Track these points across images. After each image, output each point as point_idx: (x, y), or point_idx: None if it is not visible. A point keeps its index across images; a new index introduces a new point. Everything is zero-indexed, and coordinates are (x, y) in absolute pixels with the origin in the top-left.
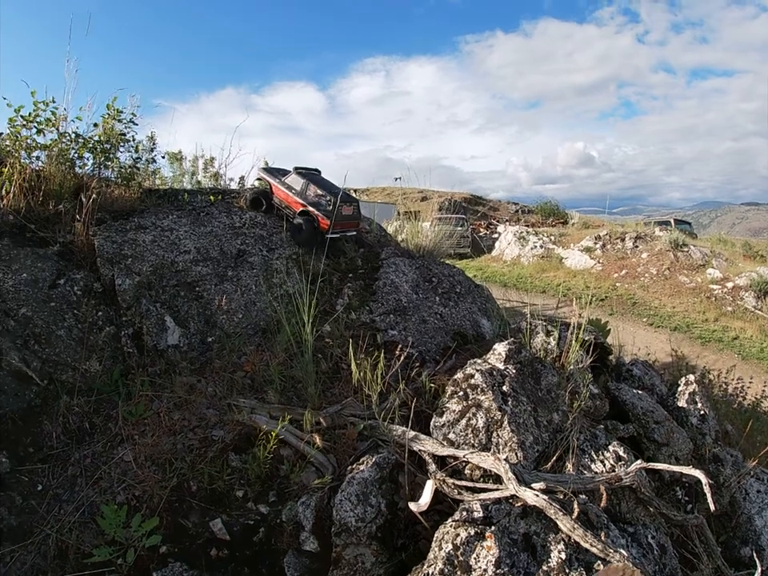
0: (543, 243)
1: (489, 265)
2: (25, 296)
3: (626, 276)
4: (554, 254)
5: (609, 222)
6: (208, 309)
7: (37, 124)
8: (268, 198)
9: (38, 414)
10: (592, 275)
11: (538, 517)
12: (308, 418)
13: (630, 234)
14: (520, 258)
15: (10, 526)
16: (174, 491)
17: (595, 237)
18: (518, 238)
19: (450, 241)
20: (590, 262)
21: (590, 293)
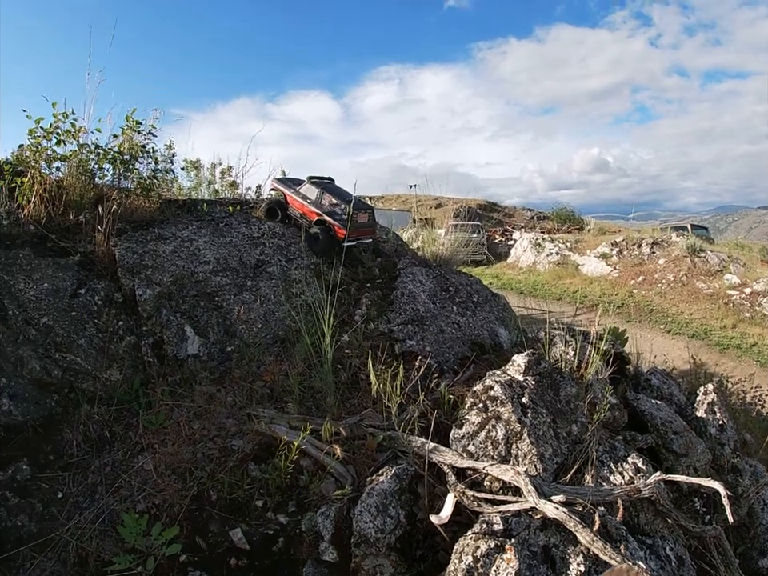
0: (559, 250)
1: (504, 272)
2: (46, 305)
3: (642, 282)
4: (570, 261)
5: (625, 228)
6: (227, 319)
7: (57, 135)
8: (283, 208)
9: (58, 422)
10: (608, 282)
11: (558, 529)
12: (327, 429)
13: (647, 240)
14: (536, 264)
15: (30, 532)
16: (193, 500)
17: (611, 243)
18: (534, 244)
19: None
20: (607, 268)
21: (607, 300)
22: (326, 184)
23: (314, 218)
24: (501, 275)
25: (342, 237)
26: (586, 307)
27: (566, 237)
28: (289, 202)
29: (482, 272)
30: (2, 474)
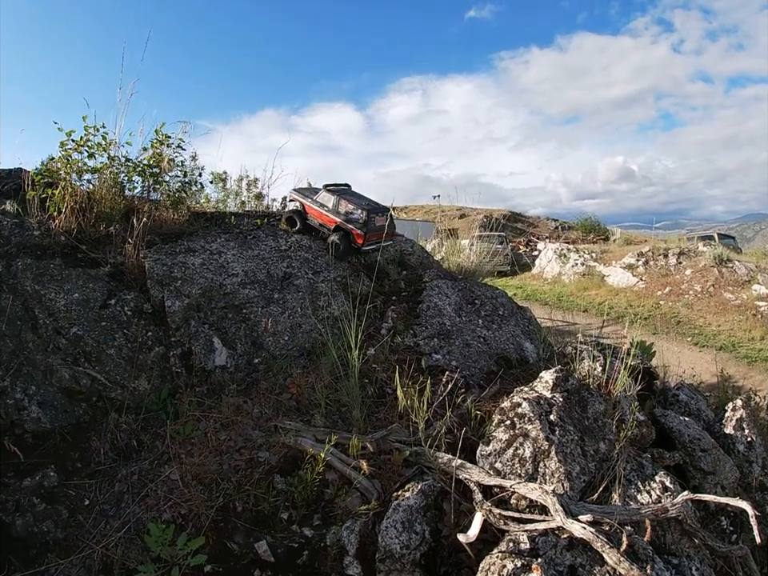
0: (584, 260)
1: (529, 283)
2: (76, 315)
3: (669, 294)
4: (595, 272)
5: (651, 238)
6: (255, 331)
7: (88, 148)
8: (302, 217)
9: (86, 430)
10: (635, 293)
11: (584, 549)
12: (354, 444)
13: (673, 250)
14: (561, 275)
15: (55, 539)
16: (219, 511)
17: (638, 253)
18: (559, 255)
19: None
20: (633, 279)
21: (633, 312)
22: (342, 191)
23: (332, 225)
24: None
25: (361, 242)
26: (612, 319)
27: (591, 247)
28: (307, 212)
29: (506, 283)
30: (30, 481)
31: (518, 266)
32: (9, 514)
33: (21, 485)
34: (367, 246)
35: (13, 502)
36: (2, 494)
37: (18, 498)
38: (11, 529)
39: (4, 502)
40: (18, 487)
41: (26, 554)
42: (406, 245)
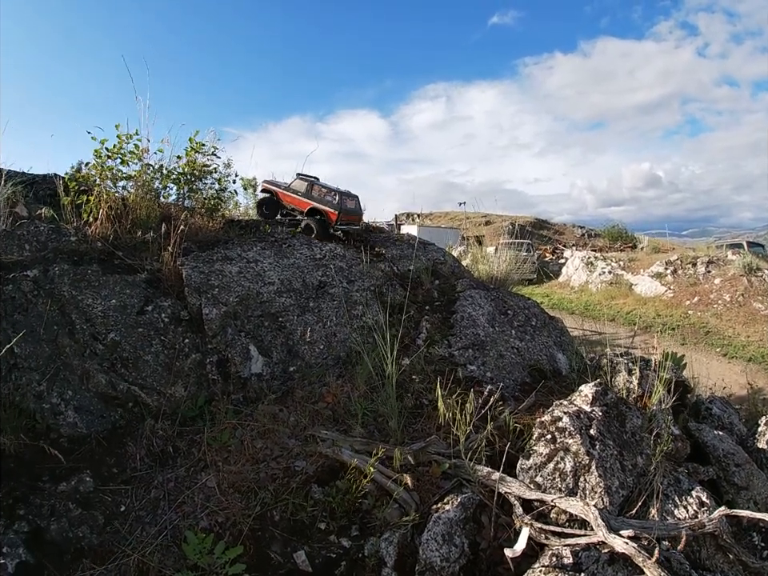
0: (612, 269)
1: (555, 291)
2: (113, 321)
3: (698, 303)
4: (622, 280)
5: (679, 246)
6: (290, 339)
7: (121, 156)
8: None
9: (121, 436)
10: (663, 302)
11: (625, 564)
12: (397, 457)
13: (702, 259)
14: (588, 284)
15: (91, 544)
16: (256, 520)
17: (666, 262)
18: (586, 263)
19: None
20: (661, 288)
21: (662, 321)
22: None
23: (305, 207)
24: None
25: (335, 219)
26: (640, 329)
27: (618, 255)
28: (281, 198)
29: (533, 291)
30: (65, 485)
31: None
32: (44, 518)
33: (56, 489)
34: (340, 225)
35: (48, 507)
36: (36, 498)
37: (53, 503)
38: (46, 533)
39: (39, 507)
40: (54, 492)
41: (61, 559)
42: (438, 254)
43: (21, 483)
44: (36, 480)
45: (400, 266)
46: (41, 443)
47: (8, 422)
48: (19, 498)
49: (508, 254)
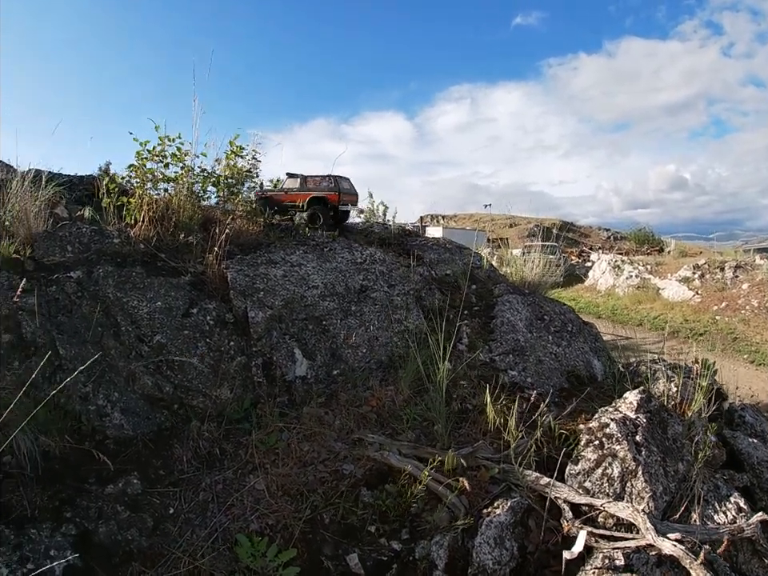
0: (639, 273)
1: (582, 295)
2: (159, 323)
3: (726, 309)
4: (650, 285)
5: (706, 250)
6: (334, 342)
7: (163, 158)
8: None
9: (167, 438)
10: (690, 307)
11: (671, 566)
12: (450, 461)
13: (730, 263)
14: (615, 288)
15: (140, 547)
16: (307, 523)
17: (693, 266)
18: (613, 266)
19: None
20: (688, 293)
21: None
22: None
23: (305, 199)
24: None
25: (337, 200)
26: (668, 334)
27: (645, 259)
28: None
29: (559, 295)
30: (112, 487)
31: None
32: (92, 521)
33: (103, 491)
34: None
35: (95, 509)
36: (83, 500)
37: (100, 505)
38: (94, 536)
39: (86, 509)
40: (101, 494)
41: (109, 562)
42: (474, 258)
43: (67, 485)
44: (82, 482)
45: (438, 270)
46: (86, 445)
47: (53, 424)
48: (66, 500)
49: (540, 258)
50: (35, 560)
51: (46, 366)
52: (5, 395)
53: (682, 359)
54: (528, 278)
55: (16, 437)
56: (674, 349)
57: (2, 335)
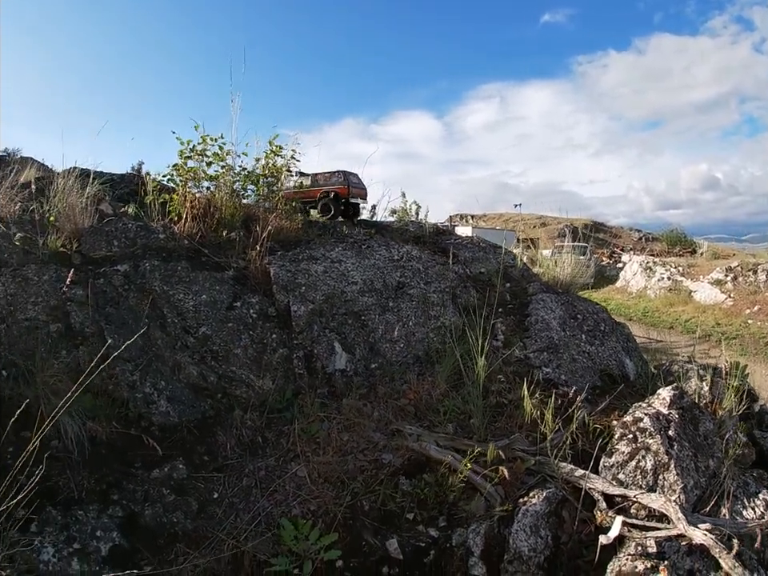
0: (671, 275)
1: (613, 296)
2: (204, 316)
3: (758, 312)
4: (681, 287)
5: (739, 252)
6: (372, 337)
7: (206, 157)
8: None
9: (211, 425)
10: (722, 311)
11: (701, 555)
12: (491, 453)
13: (763, 266)
14: (646, 289)
15: (185, 529)
16: (347, 509)
17: (726, 268)
18: (644, 268)
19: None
20: (721, 296)
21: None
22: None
23: (317, 195)
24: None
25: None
26: (699, 338)
27: (677, 261)
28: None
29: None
30: (158, 472)
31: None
32: (138, 503)
33: (149, 476)
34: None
35: (141, 492)
36: (130, 483)
37: (146, 489)
38: (140, 518)
39: (132, 492)
40: (147, 478)
41: (154, 543)
42: (508, 257)
43: (113, 469)
44: (128, 466)
45: (472, 268)
46: (132, 431)
47: (101, 410)
48: (112, 483)
49: (572, 258)
50: (81, 540)
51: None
52: (53, 382)
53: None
54: (560, 278)
55: (63, 422)
56: (705, 353)
57: (50, 325)
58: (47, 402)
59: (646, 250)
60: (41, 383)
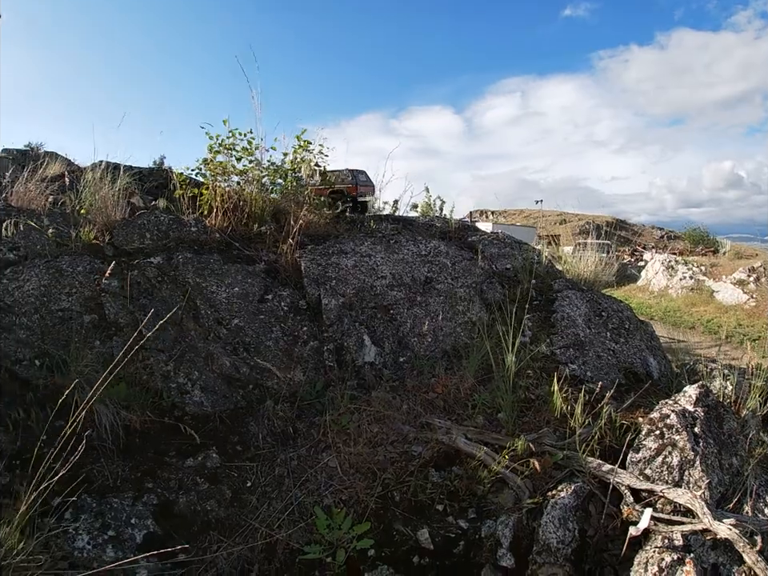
0: (693, 274)
1: (634, 295)
2: (237, 308)
3: None
4: (704, 287)
5: (762, 252)
6: (400, 331)
7: (234, 151)
8: None
9: (243, 416)
10: (745, 312)
11: (725, 549)
12: (521, 446)
13: None
14: (668, 289)
15: (218, 517)
16: (378, 499)
17: (749, 269)
18: (666, 267)
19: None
20: (743, 296)
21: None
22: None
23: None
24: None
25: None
26: (720, 339)
27: (700, 260)
28: None
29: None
30: (192, 461)
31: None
32: (172, 491)
33: (183, 464)
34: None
35: (175, 481)
36: (164, 472)
37: (180, 477)
38: (174, 506)
39: (167, 480)
40: (181, 467)
41: (188, 531)
42: (533, 253)
43: (147, 458)
44: (162, 455)
45: (498, 264)
46: (166, 420)
47: (134, 399)
48: (147, 471)
49: (596, 255)
50: (116, 527)
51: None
52: (88, 372)
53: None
54: (584, 275)
55: (98, 411)
56: (727, 354)
57: (84, 316)
58: (81, 392)
59: (668, 248)
60: (75, 373)
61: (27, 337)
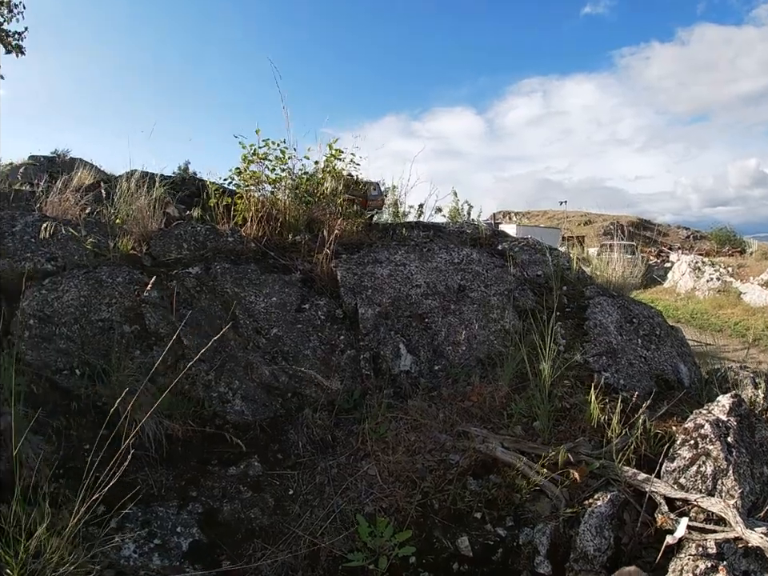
0: (720, 275)
1: (661, 297)
2: (275, 317)
3: None
4: (731, 288)
5: None
6: (435, 339)
7: (269, 161)
8: None
9: (282, 424)
10: None
11: (756, 557)
12: (562, 456)
13: None
14: (695, 290)
15: (261, 525)
16: (418, 507)
17: None
18: (693, 268)
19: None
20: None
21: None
22: None
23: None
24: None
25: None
26: (748, 342)
27: (727, 261)
28: None
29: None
30: (235, 469)
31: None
32: (216, 500)
33: (226, 473)
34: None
35: (219, 489)
36: (207, 481)
37: (224, 486)
38: (218, 514)
39: (211, 489)
40: (224, 475)
41: (232, 539)
42: (563, 259)
43: (190, 467)
44: (205, 464)
45: (529, 271)
46: (207, 429)
47: (177, 408)
48: (191, 480)
49: (623, 258)
50: (162, 536)
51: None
52: (129, 381)
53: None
54: (612, 279)
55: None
56: (754, 358)
57: (124, 326)
58: (123, 401)
59: (695, 248)
60: (116, 382)
61: (67, 347)
